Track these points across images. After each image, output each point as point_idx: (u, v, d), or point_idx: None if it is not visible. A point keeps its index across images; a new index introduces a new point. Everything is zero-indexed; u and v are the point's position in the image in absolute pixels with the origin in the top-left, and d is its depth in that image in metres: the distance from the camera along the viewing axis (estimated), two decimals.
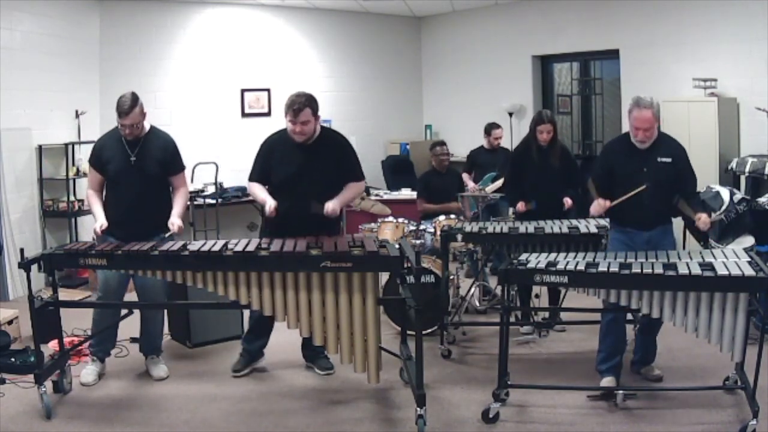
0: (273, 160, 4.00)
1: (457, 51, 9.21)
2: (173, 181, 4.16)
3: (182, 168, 4.22)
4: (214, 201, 7.12)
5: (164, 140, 4.13)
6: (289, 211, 3.88)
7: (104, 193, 4.12)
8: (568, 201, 4.79)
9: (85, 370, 4.12)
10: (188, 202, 4.94)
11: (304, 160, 3.93)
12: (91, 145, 4.28)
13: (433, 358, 4.39)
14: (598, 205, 3.82)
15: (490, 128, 6.84)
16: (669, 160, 3.75)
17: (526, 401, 3.71)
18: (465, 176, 6.62)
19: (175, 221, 4.02)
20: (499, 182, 5.95)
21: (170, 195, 4.18)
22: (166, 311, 4.64)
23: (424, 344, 3.48)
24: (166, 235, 4.01)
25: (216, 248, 3.57)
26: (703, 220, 3.65)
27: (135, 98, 3.90)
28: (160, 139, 4.11)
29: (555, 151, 4.87)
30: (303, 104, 3.81)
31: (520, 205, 4.84)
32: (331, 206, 3.90)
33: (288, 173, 3.94)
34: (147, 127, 4.08)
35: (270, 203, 3.89)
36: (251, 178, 4.10)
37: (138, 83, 7.43)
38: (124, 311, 4.24)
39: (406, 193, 7.60)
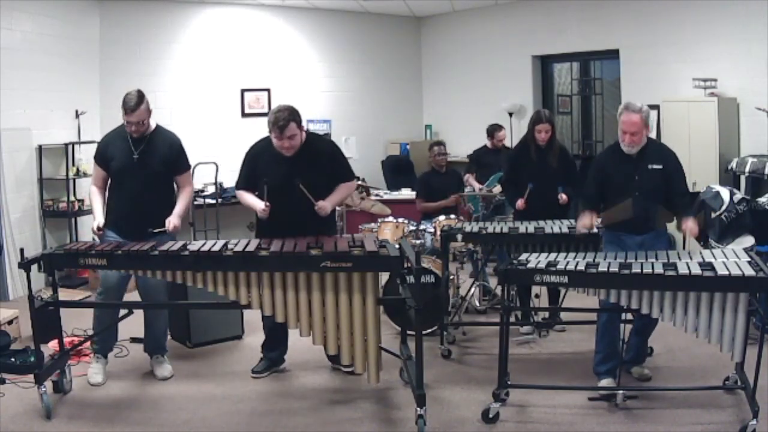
0: (259, 170, 3.97)
1: (457, 51, 9.21)
2: (178, 181, 4.17)
3: (188, 167, 4.22)
4: (214, 201, 7.13)
5: (170, 139, 4.14)
6: (281, 213, 3.84)
7: (107, 191, 4.11)
8: (563, 196, 4.78)
9: (91, 370, 4.12)
10: (192, 202, 4.91)
11: (291, 170, 3.87)
12: (91, 145, 4.30)
13: (433, 358, 4.38)
14: (586, 218, 3.85)
15: (494, 130, 6.73)
16: (660, 166, 3.76)
17: (526, 401, 3.71)
18: (468, 177, 6.53)
19: (172, 219, 4.01)
20: None
21: (174, 194, 4.17)
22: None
23: (424, 344, 3.48)
24: (156, 230, 3.94)
25: (216, 248, 3.56)
26: (690, 227, 3.63)
27: (141, 95, 3.91)
28: (165, 138, 4.12)
29: (553, 151, 4.87)
30: (287, 119, 3.75)
31: (520, 203, 4.85)
32: (322, 204, 3.89)
33: (274, 183, 3.88)
34: (153, 125, 4.09)
35: (260, 204, 3.87)
36: (238, 186, 4.09)
37: (138, 83, 7.37)
38: (124, 311, 4.25)
39: (406, 193, 7.61)
